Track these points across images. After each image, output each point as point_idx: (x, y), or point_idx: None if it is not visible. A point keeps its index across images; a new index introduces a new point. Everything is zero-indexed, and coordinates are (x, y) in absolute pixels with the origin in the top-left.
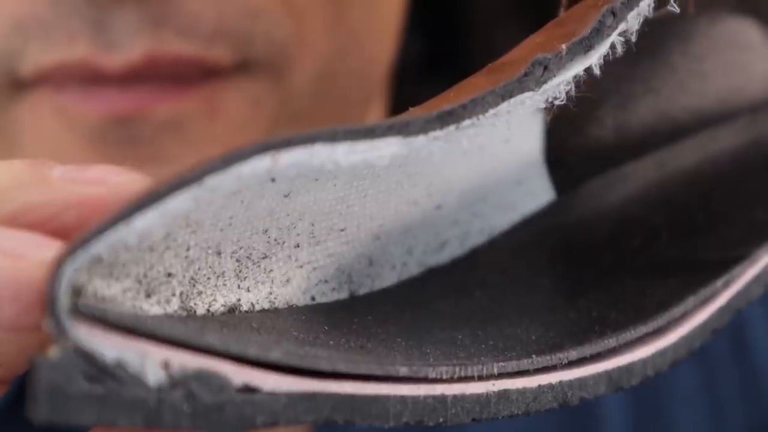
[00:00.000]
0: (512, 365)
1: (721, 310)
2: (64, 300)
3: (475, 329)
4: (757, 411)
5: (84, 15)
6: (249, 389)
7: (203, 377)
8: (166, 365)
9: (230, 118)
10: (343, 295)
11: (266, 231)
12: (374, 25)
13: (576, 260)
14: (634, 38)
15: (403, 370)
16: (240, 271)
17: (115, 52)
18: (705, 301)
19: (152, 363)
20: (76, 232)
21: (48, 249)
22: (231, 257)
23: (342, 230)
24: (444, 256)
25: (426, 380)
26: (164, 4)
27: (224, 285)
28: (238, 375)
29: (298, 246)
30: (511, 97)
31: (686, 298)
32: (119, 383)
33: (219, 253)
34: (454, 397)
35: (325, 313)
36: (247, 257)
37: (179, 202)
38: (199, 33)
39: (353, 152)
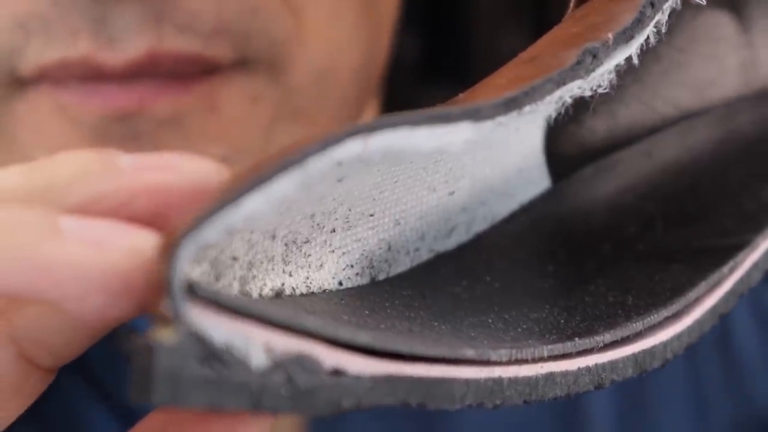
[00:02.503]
0: (559, 348)
1: (727, 295)
2: (181, 283)
3: (500, 313)
4: (742, 405)
5: (85, 12)
6: (337, 372)
7: (301, 360)
8: (268, 348)
9: (229, 115)
10: (365, 280)
11: (313, 216)
12: (372, 22)
13: (575, 248)
14: (664, 29)
15: (470, 353)
16: (286, 256)
17: (117, 49)
18: (713, 287)
19: (256, 346)
20: (146, 220)
21: (132, 236)
22: (281, 241)
23: (371, 215)
24: (451, 242)
25: (487, 363)
26: (165, 2)
27: (272, 269)
28: (330, 358)
29: (334, 231)
30: (564, 84)
31: (698, 284)
32: (226, 367)
33: (273, 237)
34: (509, 379)
35: (357, 297)
36: (293, 242)
37: (284, 185)
38: (199, 30)
39: (432, 137)
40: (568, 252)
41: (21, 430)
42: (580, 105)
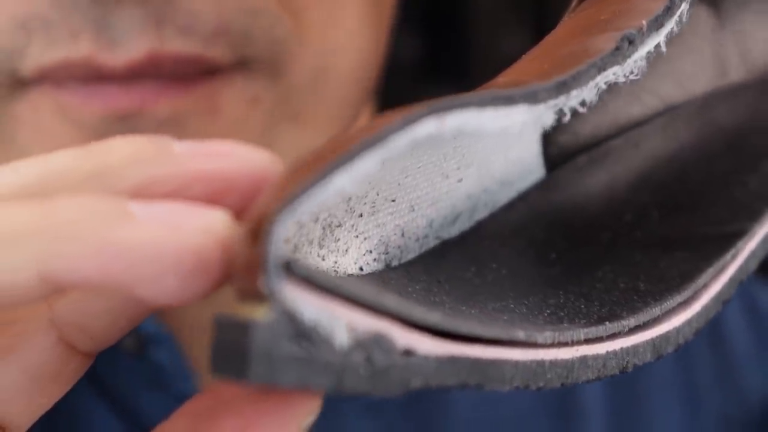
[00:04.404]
0: (592, 331)
1: (730, 282)
2: (277, 261)
3: (518, 299)
4: (732, 398)
5: (86, 14)
6: (408, 352)
7: (379, 340)
8: (351, 328)
9: (229, 116)
10: (380, 266)
11: (350, 199)
12: (371, 23)
13: (574, 236)
14: (685, 18)
15: (521, 335)
16: (322, 239)
17: (118, 51)
18: (718, 273)
19: (340, 325)
20: (211, 206)
21: (204, 215)
22: (321, 224)
23: (393, 201)
24: (455, 229)
25: (534, 345)
26: (166, 3)
27: (310, 253)
28: (402, 338)
29: (361, 215)
30: (604, 69)
31: (705, 270)
32: (313, 345)
33: (316, 220)
34: (550, 362)
35: (381, 282)
36: (329, 225)
37: (367, 163)
38: (199, 32)
39: (497, 117)
40: (567, 240)
41: None
42: None
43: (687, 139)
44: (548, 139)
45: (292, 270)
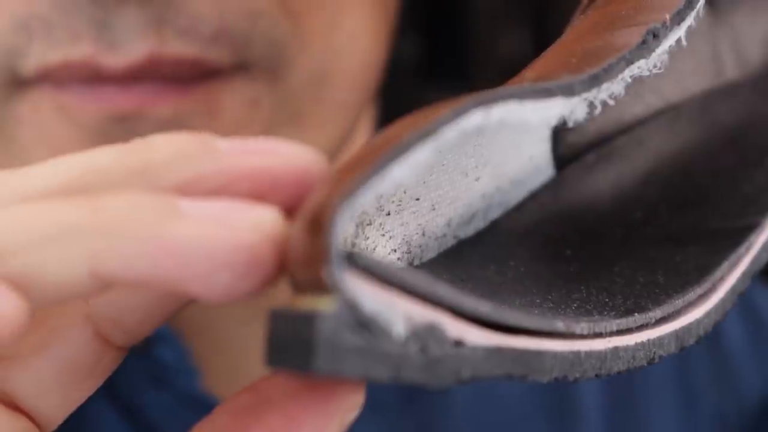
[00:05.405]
0: (623, 323)
1: (744, 275)
2: (339, 251)
3: (542, 295)
4: (729, 399)
5: (87, 15)
6: (458, 343)
7: (432, 330)
8: (407, 318)
9: (228, 118)
10: (403, 265)
11: (380, 197)
12: (372, 26)
13: (587, 233)
14: (701, 14)
15: (560, 326)
16: (355, 237)
17: (118, 52)
18: (733, 266)
19: (398, 315)
20: (260, 203)
21: (255, 211)
22: (354, 222)
23: (417, 199)
24: (470, 229)
25: (572, 336)
26: (167, 5)
27: None
28: (453, 328)
29: (389, 214)
30: (632, 63)
31: (721, 263)
32: (373, 335)
33: (351, 217)
34: (585, 353)
35: None
36: (361, 223)
37: (420, 155)
38: (200, 34)
39: (537, 110)
40: (580, 237)
41: None
42: None
43: (691, 137)
44: (556, 137)
45: (353, 260)
